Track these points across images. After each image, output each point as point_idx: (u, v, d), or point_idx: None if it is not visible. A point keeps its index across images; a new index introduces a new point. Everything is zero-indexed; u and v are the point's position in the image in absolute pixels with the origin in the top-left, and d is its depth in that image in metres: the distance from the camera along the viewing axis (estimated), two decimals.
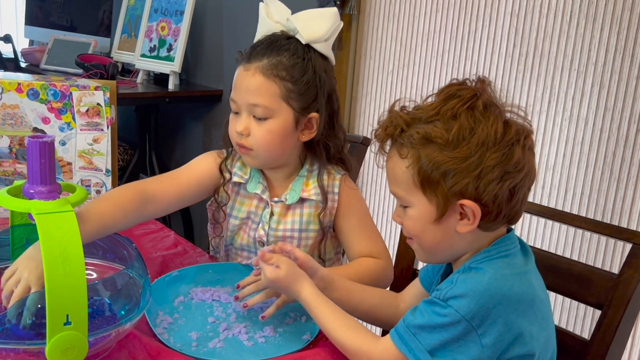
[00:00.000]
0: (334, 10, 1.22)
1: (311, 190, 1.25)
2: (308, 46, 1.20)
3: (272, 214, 1.26)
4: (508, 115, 0.91)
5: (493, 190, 0.87)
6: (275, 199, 1.27)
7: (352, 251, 1.29)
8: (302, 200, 1.26)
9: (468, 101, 0.89)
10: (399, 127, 0.92)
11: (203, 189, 1.28)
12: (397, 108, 0.95)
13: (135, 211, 1.13)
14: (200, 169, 1.29)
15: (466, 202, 0.88)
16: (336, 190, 1.26)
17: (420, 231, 0.94)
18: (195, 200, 1.29)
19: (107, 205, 1.08)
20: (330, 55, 1.24)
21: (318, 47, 1.21)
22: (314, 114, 1.20)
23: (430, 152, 0.88)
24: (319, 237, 1.27)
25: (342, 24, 1.24)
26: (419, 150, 0.89)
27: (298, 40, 1.20)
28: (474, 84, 0.92)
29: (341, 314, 1.01)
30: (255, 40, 1.24)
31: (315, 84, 1.19)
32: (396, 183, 0.94)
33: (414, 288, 1.12)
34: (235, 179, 1.29)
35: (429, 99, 0.93)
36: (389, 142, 0.95)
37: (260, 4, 1.24)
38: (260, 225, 1.27)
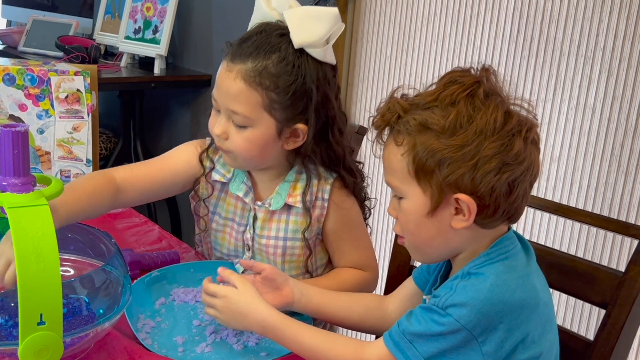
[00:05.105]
0: (333, 12, 1.12)
1: (298, 197, 1.20)
2: (301, 49, 1.12)
3: (255, 217, 1.23)
4: (513, 108, 0.91)
5: (490, 182, 0.87)
6: (259, 203, 1.23)
7: (336, 261, 1.27)
8: (288, 207, 1.21)
9: (469, 88, 0.89)
10: (395, 114, 0.92)
11: (178, 181, 1.25)
12: (397, 95, 0.94)
13: (102, 201, 1.11)
14: (176, 160, 1.25)
15: (461, 196, 0.88)
16: (326, 196, 1.21)
17: (415, 226, 0.93)
18: (170, 193, 1.27)
19: (74, 195, 1.03)
20: (329, 59, 1.15)
21: (312, 52, 1.12)
22: (301, 125, 1.15)
23: (427, 139, 0.88)
24: (305, 253, 1.23)
25: (342, 27, 1.15)
26: (415, 137, 0.89)
27: (291, 40, 1.11)
28: (478, 72, 0.92)
29: (313, 328, 1.00)
30: (249, 27, 1.16)
31: (303, 95, 1.12)
32: (391, 172, 0.94)
33: (407, 288, 1.12)
34: (216, 177, 1.25)
35: (432, 87, 0.93)
36: (387, 131, 0.95)
37: None
38: (248, 227, 1.24)
